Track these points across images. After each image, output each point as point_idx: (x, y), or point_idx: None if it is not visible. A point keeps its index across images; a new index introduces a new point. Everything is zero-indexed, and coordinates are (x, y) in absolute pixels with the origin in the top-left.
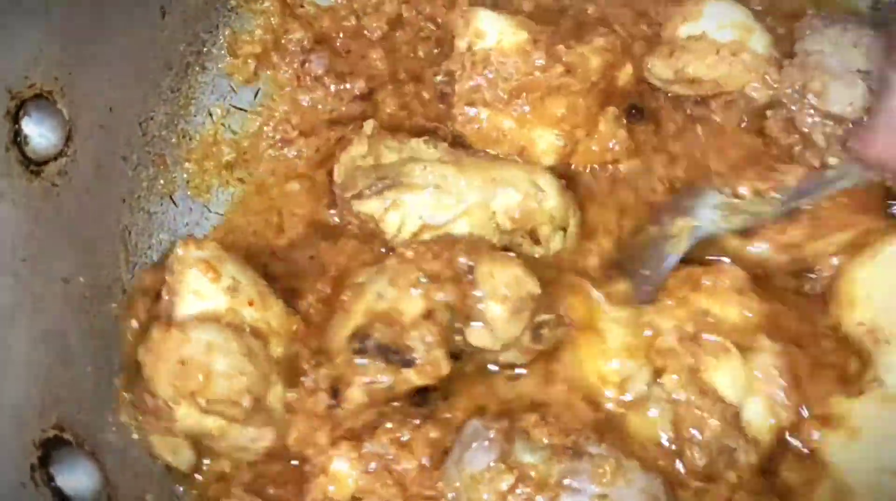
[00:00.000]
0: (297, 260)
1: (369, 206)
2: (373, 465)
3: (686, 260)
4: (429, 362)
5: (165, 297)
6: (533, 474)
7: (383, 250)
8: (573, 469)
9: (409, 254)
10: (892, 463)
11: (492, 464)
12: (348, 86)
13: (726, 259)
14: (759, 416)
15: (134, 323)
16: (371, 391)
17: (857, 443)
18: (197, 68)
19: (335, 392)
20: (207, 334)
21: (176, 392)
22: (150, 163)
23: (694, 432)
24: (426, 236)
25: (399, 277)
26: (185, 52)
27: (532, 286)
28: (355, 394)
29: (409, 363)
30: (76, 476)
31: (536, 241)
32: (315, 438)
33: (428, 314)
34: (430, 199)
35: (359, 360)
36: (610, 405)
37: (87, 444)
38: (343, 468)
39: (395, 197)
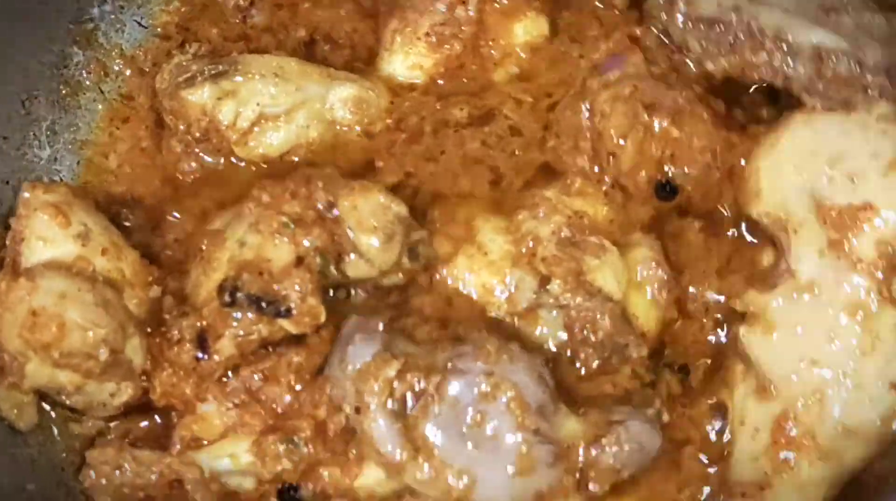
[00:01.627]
0: (154, 208)
1: (202, 94)
2: (238, 399)
3: None
4: (305, 311)
5: (9, 244)
6: (420, 362)
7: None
8: (457, 353)
9: (266, 198)
10: (808, 352)
11: (376, 353)
12: None
13: None
14: (645, 309)
15: None
16: (242, 343)
17: (775, 336)
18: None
19: (202, 344)
20: (59, 283)
21: (26, 345)
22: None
23: (587, 333)
24: (265, 130)
25: (260, 222)
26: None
27: (397, 208)
28: (225, 347)
29: (284, 314)
30: None
31: None
32: (180, 391)
33: (298, 262)
34: (268, 84)
35: (229, 312)
36: (500, 315)
37: None
38: (209, 408)
39: (230, 85)
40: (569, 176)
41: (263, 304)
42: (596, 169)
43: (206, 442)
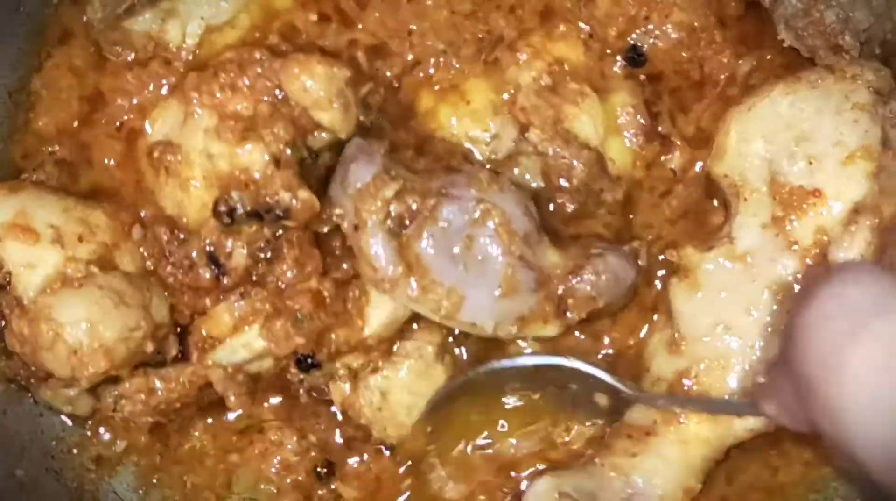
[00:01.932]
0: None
1: (145, 20)
2: (244, 289)
3: None
4: (301, 206)
5: None
6: (416, 186)
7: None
8: (451, 181)
9: (202, 96)
10: (724, 317)
11: (376, 174)
12: None
13: None
14: (621, 153)
15: None
16: (251, 250)
17: (699, 295)
18: None
19: (216, 263)
20: (76, 310)
21: (81, 376)
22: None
23: (562, 181)
24: (215, 41)
25: (221, 130)
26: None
27: (340, 72)
28: (239, 259)
29: (283, 216)
30: None
31: None
32: (203, 306)
33: (276, 162)
34: None
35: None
36: (481, 162)
37: None
38: (218, 307)
39: (169, 5)
40: (559, 19)
41: (262, 213)
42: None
43: (219, 342)
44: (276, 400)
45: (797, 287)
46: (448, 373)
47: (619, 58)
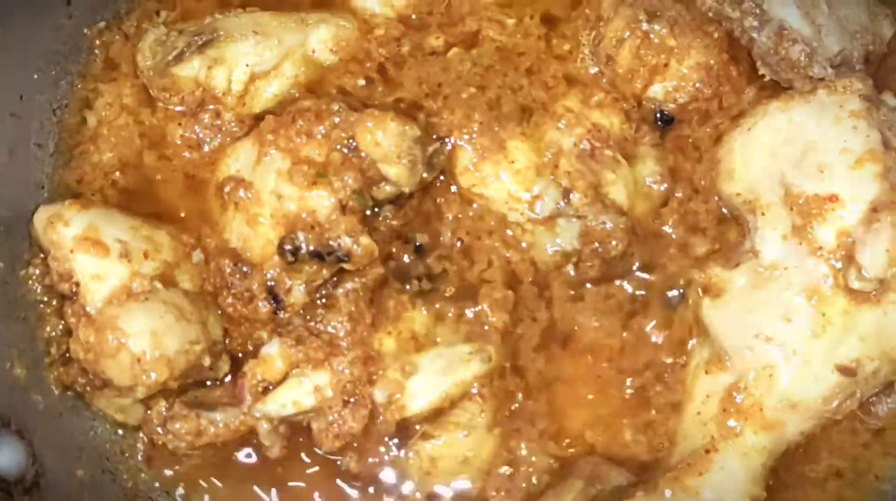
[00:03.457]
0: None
1: (192, 67)
2: (300, 335)
3: None
4: (362, 252)
5: (64, 285)
6: None
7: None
8: None
9: (280, 140)
10: (763, 328)
11: None
12: None
13: None
14: (646, 215)
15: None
16: (309, 289)
17: (734, 311)
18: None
19: (275, 298)
20: (140, 321)
21: (142, 385)
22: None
23: (598, 246)
24: (260, 87)
25: (293, 174)
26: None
27: (412, 130)
28: (297, 296)
29: (344, 259)
30: (2, 455)
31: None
32: (258, 337)
33: (342, 208)
34: (251, 44)
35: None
36: (520, 221)
37: (14, 423)
38: (272, 349)
39: (216, 52)
40: (589, 86)
41: (324, 255)
42: (602, 77)
43: (271, 387)
44: None
45: (828, 290)
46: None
47: (646, 127)
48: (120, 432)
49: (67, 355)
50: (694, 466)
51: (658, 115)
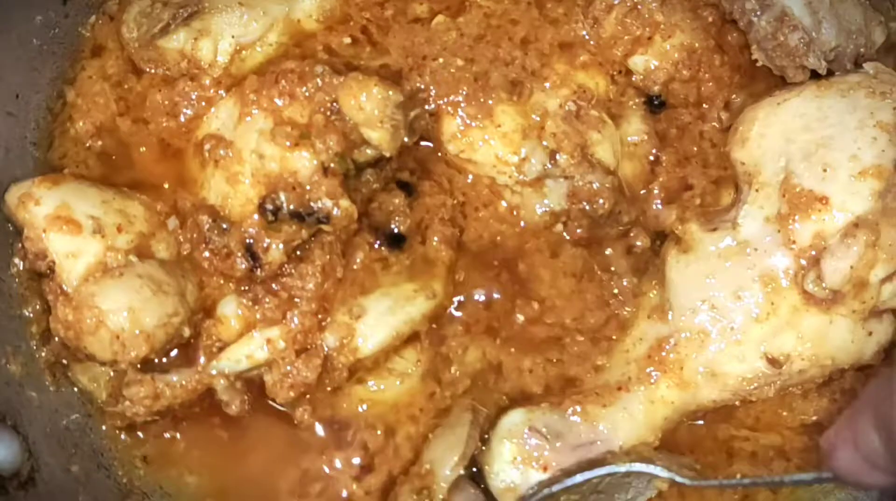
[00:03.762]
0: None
1: (178, 39)
2: (258, 295)
3: None
4: (342, 214)
5: (40, 264)
6: None
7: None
8: None
9: (262, 100)
10: (712, 296)
11: None
12: None
13: None
14: (634, 175)
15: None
16: (288, 248)
17: (693, 271)
18: None
19: (253, 255)
20: (117, 297)
21: (122, 360)
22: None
23: (585, 204)
24: (246, 56)
25: (275, 133)
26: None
27: (395, 96)
28: (276, 255)
29: (324, 220)
30: None
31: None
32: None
33: (324, 170)
34: (237, 15)
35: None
36: (509, 183)
37: (9, 418)
38: (228, 309)
39: (202, 24)
40: (575, 47)
41: (304, 215)
42: (584, 34)
43: (225, 345)
44: None
45: (785, 283)
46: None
47: (631, 90)
48: (123, 436)
49: (48, 331)
50: (601, 396)
51: (650, 98)
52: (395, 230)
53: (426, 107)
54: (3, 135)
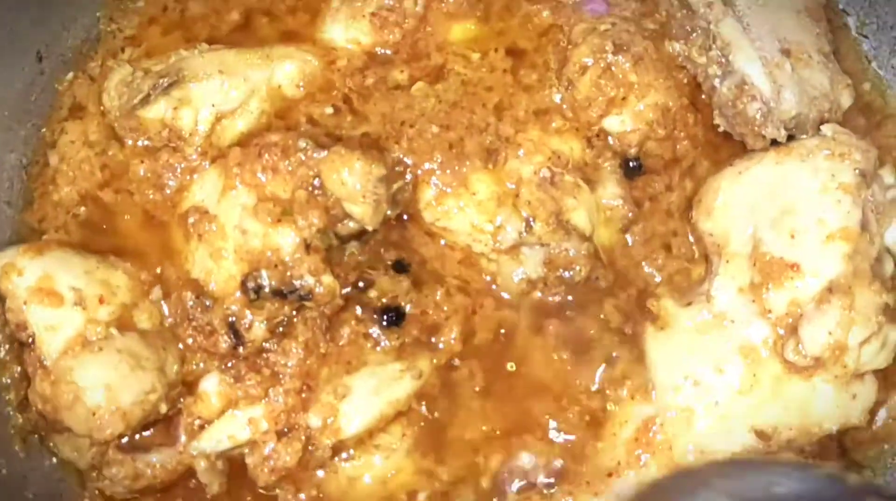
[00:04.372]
0: (107, 202)
1: (158, 108)
2: (240, 373)
3: None
4: (324, 291)
5: (21, 334)
6: None
7: (191, 153)
8: None
9: (246, 175)
10: (695, 372)
11: None
12: None
13: None
14: (610, 240)
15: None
16: (271, 325)
17: (673, 347)
18: None
19: (236, 333)
20: (95, 373)
21: (97, 437)
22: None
23: (564, 272)
24: (227, 125)
25: (258, 210)
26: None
27: (378, 170)
28: (258, 333)
29: (306, 297)
30: None
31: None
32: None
33: (307, 247)
34: (216, 84)
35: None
36: (485, 251)
37: None
38: (210, 385)
39: (181, 93)
40: (549, 113)
41: (286, 293)
42: (557, 98)
43: (207, 424)
44: None
45: (765, 353)
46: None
47: (608, 153)
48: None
49: (26, 400)
50: (591, 485)
51: (627, 161)
52: (397, 310)
53: (407, 178)
54: None
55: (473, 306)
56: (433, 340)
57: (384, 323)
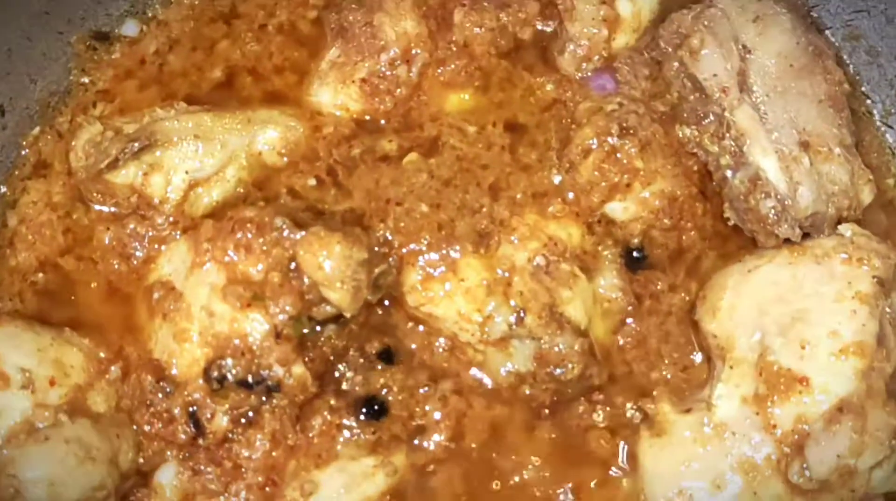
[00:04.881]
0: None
1: (127, 174)
2: (199, 465)
3: None
4: (294, 382)
5: None
6: None
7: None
8: None
9: (218, 254)
10: (689, 487)
11: None
12: None
13: None
14: (606, 334)
15: None
16: (234, 416)
17: (667, 457)
18: None
19: (196, 423)
20: (37, 465)
21: None
22: None
23: (555, 369)
24: (201, 193)
25: (227, 292)
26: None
27: (359, 254)
28: (220, 424)
29: (274, 389)
30: None
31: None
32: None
33: (277, 335)
34: (191, 149)
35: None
36: (471, 341)
37: None
38: (165, 476)
39: (153, 158)
40: (548, 196)
41: (252, 384)
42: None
43: None
44: None
45: (768, 472)
46: None
47: (609, 240)
48: None
49: None
50: None
51: (630, 251)
52: (379, 403)
53: (391, 260)
54: None
55: (465, 410)
56: (416, 442)
57: (362, 416)
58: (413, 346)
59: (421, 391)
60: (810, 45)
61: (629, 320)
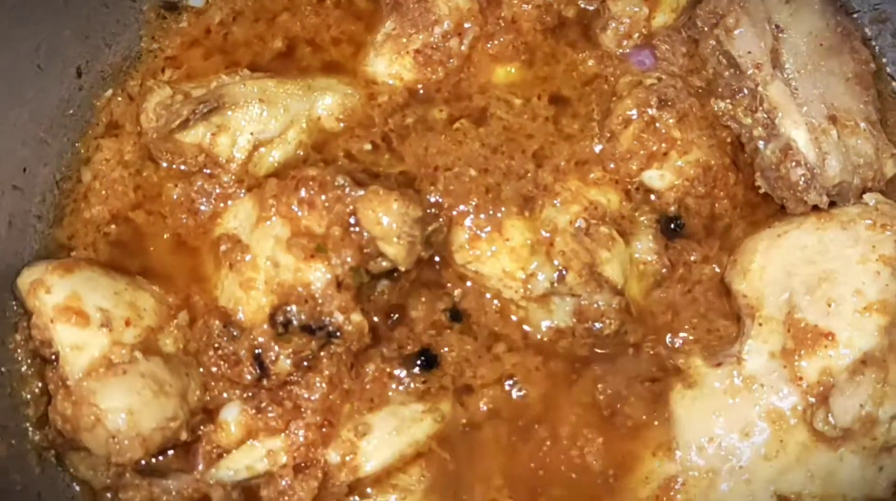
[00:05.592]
0: (139, 223)
1: (197, 133)
2: (262, 404)
3: None
4: (353, 329)
5: (45, 351)
6: None
7: (226, 179)
8: None
9: (281, 208)
10: (720, 434)
11: None
12: None
13: None
14: (641, 294)
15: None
16: (296, 360)
17: (699, 408)
18: None
19: (261, 365)
20: (119, 397)
21: (115, 460)
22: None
23: (593, 324)
24: (264, 153)
25: (292, 244)
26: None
27: (414, 211)
28: (284, 366)
29: (334, 334)
30: None
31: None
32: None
33: (338, 284)
34: (256, 112)
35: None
36: (514, 298)
37: None
38: (230, 414)
39: (221, 120)
40: (589, 163)
41: (315, 329)
42: (598, 149)
43: (226, 452)
44: None
45: (794, 421)
46: None
47: (646, 206)
48: None
49: (45, 417)
50: None
51: (668, 220)
52: (432, 356)
53: (440, 220)
54: (8, 209)
55: (512, 370)
56: (463, 397)
57: (416, 368)
58: (469, 307)
59: (468, 348)
60: (839, 26)
61: (663, 283)
